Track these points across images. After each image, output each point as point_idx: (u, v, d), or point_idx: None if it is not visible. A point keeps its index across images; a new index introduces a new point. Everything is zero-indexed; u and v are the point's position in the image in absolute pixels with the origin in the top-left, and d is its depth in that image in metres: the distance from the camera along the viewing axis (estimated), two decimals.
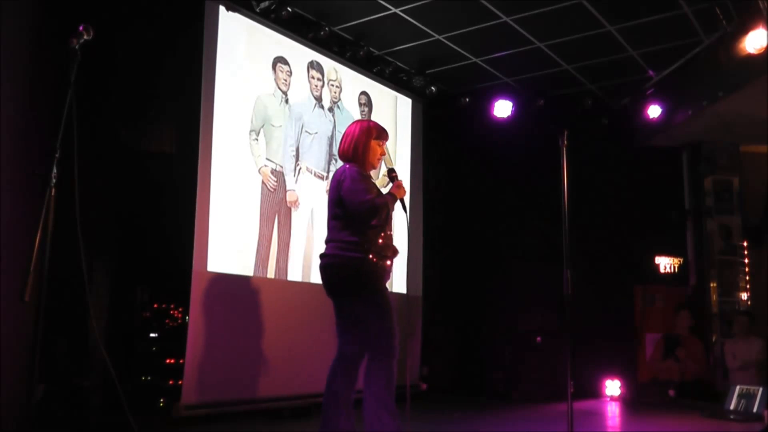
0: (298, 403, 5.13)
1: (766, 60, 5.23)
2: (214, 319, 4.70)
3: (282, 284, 5.28)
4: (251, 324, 4.95)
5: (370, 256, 3.19)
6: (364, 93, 6.34)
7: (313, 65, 5.81)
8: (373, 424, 3.04)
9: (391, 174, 3.49)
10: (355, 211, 3.20)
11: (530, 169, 6.89)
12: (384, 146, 3.50)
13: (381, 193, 3.35)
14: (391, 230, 3.39)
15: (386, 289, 3.31)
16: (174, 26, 4.83)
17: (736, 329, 6.46)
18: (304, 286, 5.42)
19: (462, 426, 5.07)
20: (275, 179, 5.30)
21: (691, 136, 7.16)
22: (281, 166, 5.37)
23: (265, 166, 5.23)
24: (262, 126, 5.25)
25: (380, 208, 3.20)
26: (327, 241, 3.35)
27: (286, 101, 5.50)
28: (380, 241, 3.26)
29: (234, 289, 4.88)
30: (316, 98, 5.78)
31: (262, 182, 5.20)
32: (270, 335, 5.04)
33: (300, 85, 5.66)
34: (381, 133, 3.48)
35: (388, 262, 3.31)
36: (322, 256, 3.36)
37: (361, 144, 3.39)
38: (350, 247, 3.22)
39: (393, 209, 3.35)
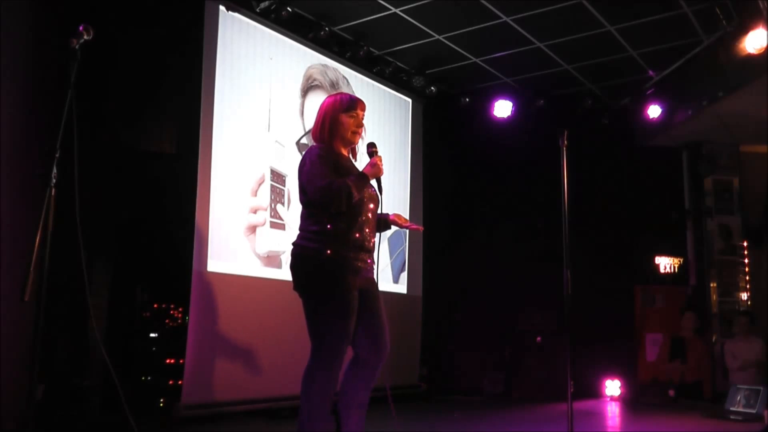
0: (298, 403, 5.11)
1: (766, 60, 5.23)
2: (214, 319, 4.70)
3: (282, 284, 5.27)
4: (251, 324, 4.95)
5: (329, 250, 2.84)
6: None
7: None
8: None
9: (370, 149, 3.04)
10: (312, 197, 2.87)
11: (530, 169, 6.89)
12: (361, 117, 3.05)
13: (352, 174, 2.93)
14: (369, 220, 2.99)
15: (350, 290, 2.88)
16: (174, 26, 4.84)
17: (736, 329, 6.46)
18: None
19: (462, 426, 5.07)
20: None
21: (691, 136, 7.16)
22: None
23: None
24: None
25: (337, 193, 2.79)
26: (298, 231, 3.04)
27: None
28: (351, 232, 2.89)
29: (234, 289, 4.88)
30: None
31: (262, 182, 5.21)
32: (270, 335, 5.04)
33: None
34: (352, 104, 3.03)
35: (360, 260, 2.92)
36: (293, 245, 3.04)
37: (328, 119, 3.00)
38: (311, 237, 2.89)
39: (364, 192, 2.93)
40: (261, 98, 5.31)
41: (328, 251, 2.86)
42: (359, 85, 6.29)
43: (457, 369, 7.09)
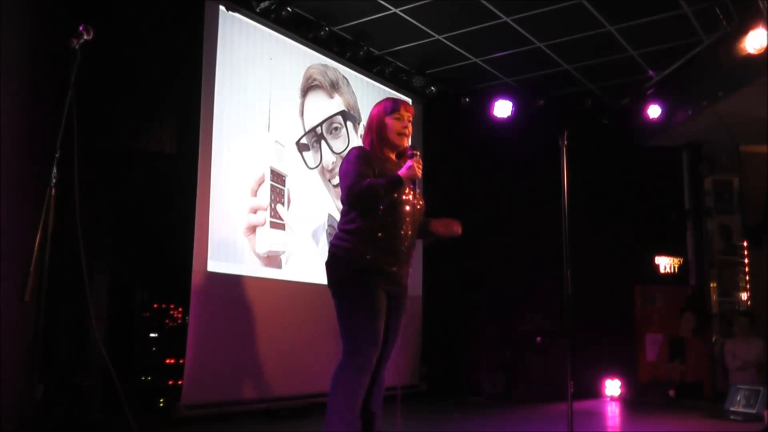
0: (298, 403, 5.13)
1: (766, 60, 5.23)
2: (214, 319, 4.70)
3: (282, 284, 5.28)
4: (251, 324, 4.95)
5: (358, 250, 2.86)
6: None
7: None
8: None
9: (408, 152, 2.94)
10: (343, 197, 2.90)
11: (530, 169, 6.88)
12: (406, 119, 3.04)
13: (386, 176, 2.90)
14: (403, 224, 2.96)
15: (376, 292, 2.87)
16: (174, 26, 4.83)
17: (736, 329, 6.46)
18: (305, 286, 5.42)
19: (462, 426, 5.07)
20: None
21: (691, 136, 7.16)
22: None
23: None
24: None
25: (366, 193, 2.80)
26: None
27: None
28: (379, 235, 2.88)
29: (234, 289, 4.88)
30: None
31: (262, 182, 5.21)
32: (270, 335, 5.04)
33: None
34: (395, 106, 3.04)
35: (390, 264, 2.90)
36: None
37: (375, 123, 3.03)
38: (343, 237, 2.92)
39: (400, 196, 2.92)
40: (261, 98, 5.31)
41: (357, 252, 2.88)
42: (359, 85, 6.29)
43: (457, 369, 7.08)
